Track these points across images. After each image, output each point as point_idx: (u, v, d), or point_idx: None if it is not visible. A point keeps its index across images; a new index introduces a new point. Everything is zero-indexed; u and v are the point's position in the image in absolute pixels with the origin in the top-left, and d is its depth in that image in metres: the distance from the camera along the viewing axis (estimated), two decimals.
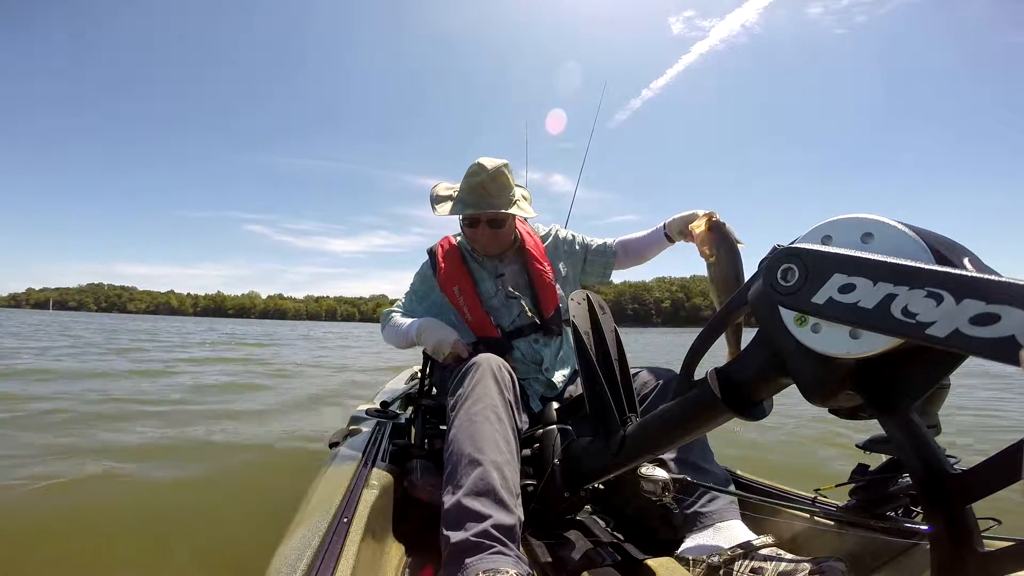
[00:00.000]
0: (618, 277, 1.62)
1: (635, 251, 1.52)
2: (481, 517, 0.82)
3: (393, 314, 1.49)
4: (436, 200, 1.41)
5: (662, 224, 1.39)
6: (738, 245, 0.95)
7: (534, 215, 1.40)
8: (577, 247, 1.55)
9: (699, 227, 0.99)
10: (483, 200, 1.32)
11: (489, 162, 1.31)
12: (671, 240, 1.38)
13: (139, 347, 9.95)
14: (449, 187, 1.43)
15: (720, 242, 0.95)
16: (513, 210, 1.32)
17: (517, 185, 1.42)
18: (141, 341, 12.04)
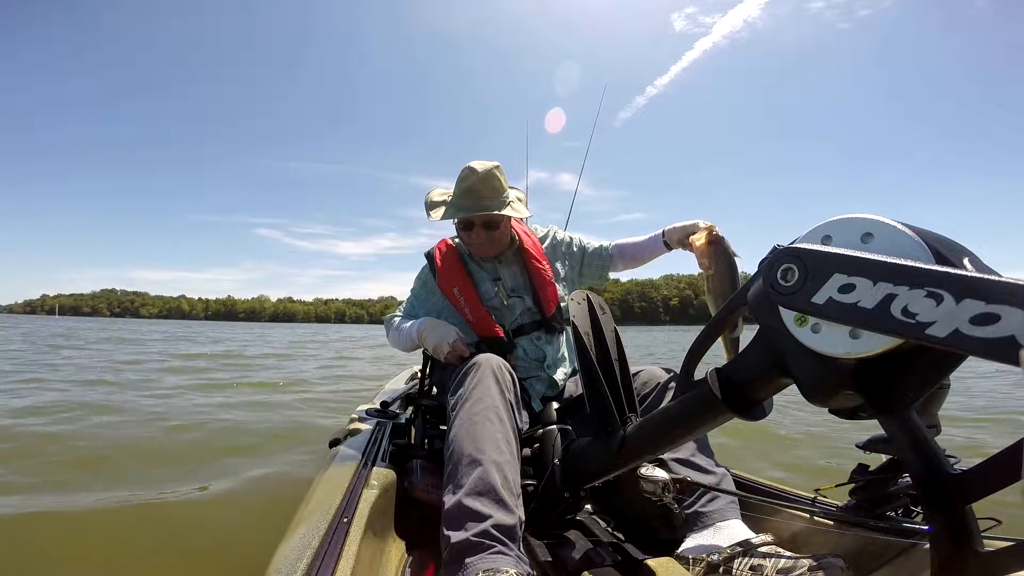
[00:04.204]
0: (625, 275, 1.63)
1: (632, 255, 1.53)
2: (482, 517, 0.82)
3: (395, 318, 1.51)
4: (430, 206, 1.41)
5: (661, 231, 1.39)
6: (735, 259, 0.97)
7: (528, 215, 1.41)
8: (575, 249, 1.56)
9: (700, 240, 1.01)
10: (475, 203, 1.32)
11: (480, 165, 1.31)
12: (669, 247, 1.39)
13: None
14: (443, 192, 1.43)
15: (719, 256, 0.98)
16: (506, 211, 1.33)
17: (511, 187, 1.43)
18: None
